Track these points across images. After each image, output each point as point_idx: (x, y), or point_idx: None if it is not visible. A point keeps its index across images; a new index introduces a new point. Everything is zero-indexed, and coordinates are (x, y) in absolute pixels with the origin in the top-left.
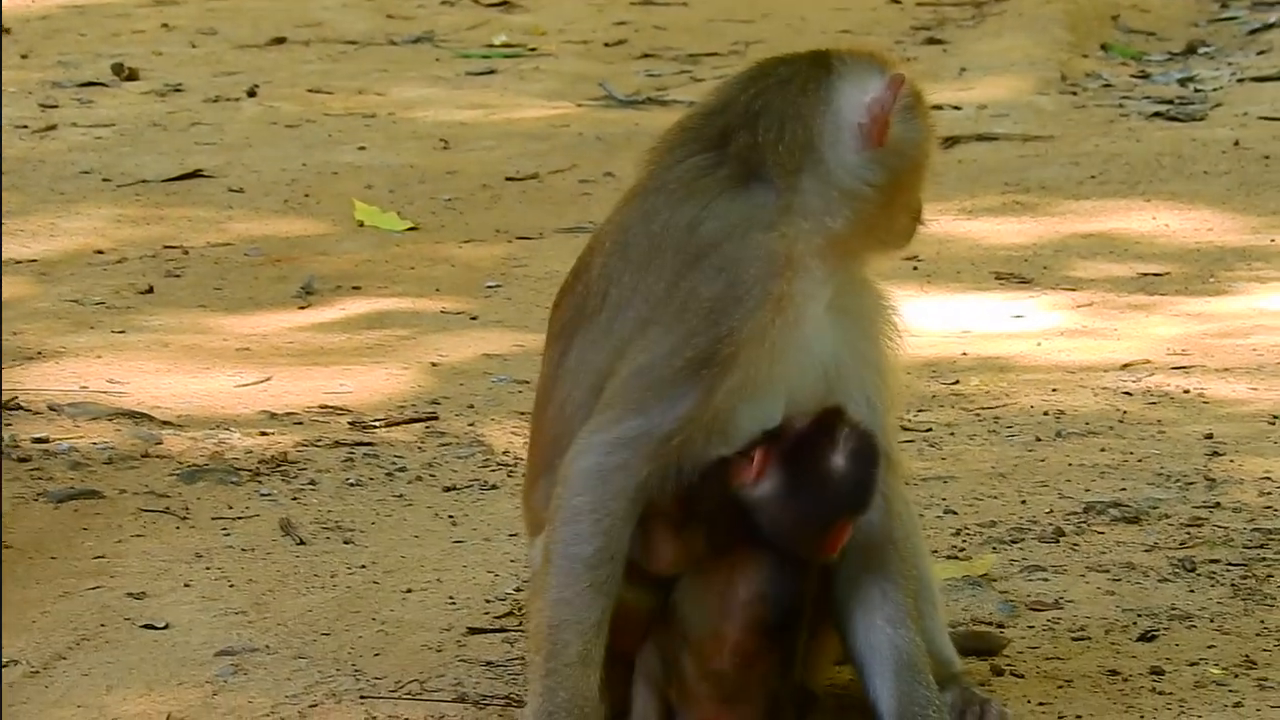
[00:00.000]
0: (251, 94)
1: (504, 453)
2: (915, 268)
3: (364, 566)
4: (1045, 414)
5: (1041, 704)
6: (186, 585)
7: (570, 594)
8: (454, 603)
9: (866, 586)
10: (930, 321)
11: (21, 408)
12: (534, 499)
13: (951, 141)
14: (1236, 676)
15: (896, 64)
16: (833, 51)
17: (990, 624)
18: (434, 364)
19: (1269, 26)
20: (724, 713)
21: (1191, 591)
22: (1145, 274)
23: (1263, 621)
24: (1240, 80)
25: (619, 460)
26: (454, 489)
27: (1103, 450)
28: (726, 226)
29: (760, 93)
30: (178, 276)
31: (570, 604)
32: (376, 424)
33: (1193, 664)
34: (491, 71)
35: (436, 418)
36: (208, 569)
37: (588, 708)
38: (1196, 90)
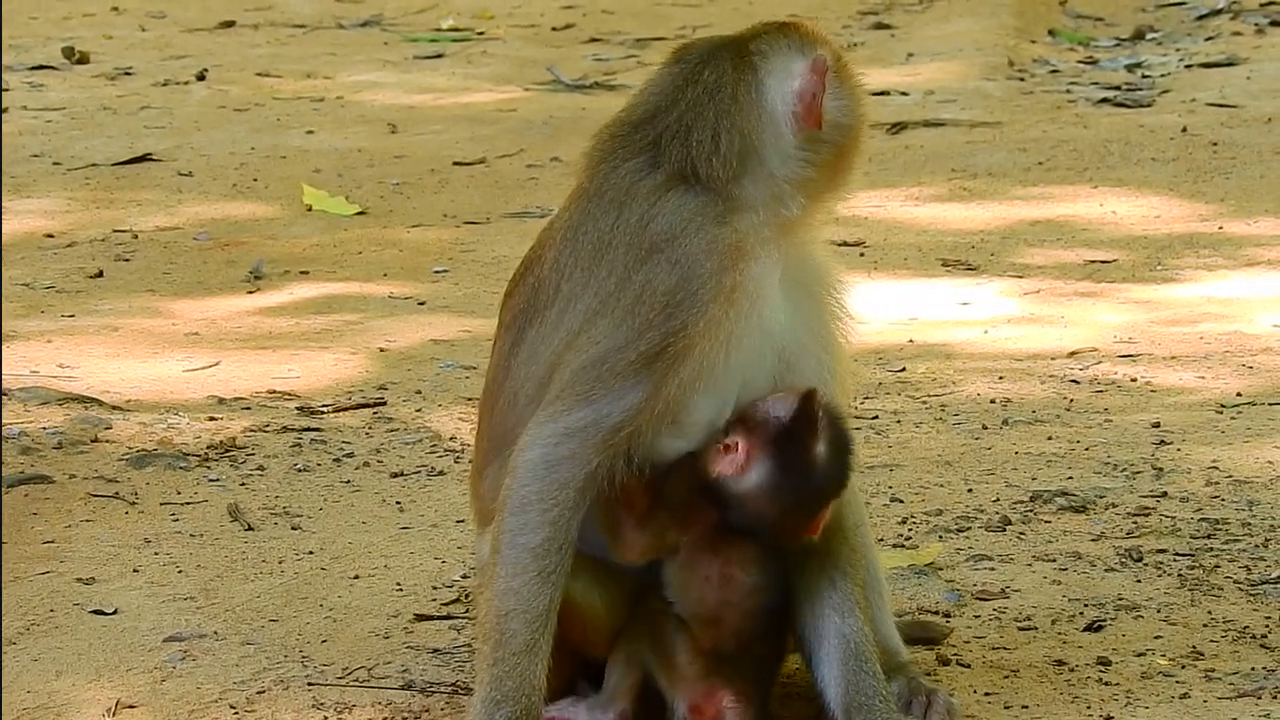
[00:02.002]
0: (201, 77)
1: (451, 439)
2: (862, 254)
3: (311, 553)
4: (992, 402)
5: (988, 694)
6: (135, 571)
7: (518, 583)
8: (401, 589)
9: (815, 575)
10: (877, 309)
11: None
12: (482, 490)
13: (898, 127)
14: (1183, 667)
15: (815, 38)
16: (751, 42)
17: (936, 613)
18: (382, 349)
19: (1217, 12)
20: (719, 691)
21: (1138, 581)
22: (1093, 261)
23: (1210, 612)
24: (1188, 66)
25: (567, 451)
26: (401, 475)
27: (1049, 439)
28: (680, 221)
29: (690, 105)
30: (127, 260)
31: (518, 593)
32: (324, 409)
33: (1140, 654)
34: (439, 56)
35: (384, 403)
36: (156, 555)
37: (534, 696)
38: (1144, 76)
